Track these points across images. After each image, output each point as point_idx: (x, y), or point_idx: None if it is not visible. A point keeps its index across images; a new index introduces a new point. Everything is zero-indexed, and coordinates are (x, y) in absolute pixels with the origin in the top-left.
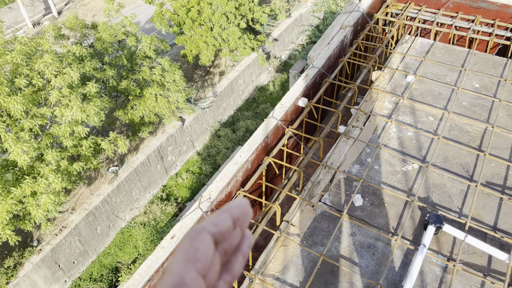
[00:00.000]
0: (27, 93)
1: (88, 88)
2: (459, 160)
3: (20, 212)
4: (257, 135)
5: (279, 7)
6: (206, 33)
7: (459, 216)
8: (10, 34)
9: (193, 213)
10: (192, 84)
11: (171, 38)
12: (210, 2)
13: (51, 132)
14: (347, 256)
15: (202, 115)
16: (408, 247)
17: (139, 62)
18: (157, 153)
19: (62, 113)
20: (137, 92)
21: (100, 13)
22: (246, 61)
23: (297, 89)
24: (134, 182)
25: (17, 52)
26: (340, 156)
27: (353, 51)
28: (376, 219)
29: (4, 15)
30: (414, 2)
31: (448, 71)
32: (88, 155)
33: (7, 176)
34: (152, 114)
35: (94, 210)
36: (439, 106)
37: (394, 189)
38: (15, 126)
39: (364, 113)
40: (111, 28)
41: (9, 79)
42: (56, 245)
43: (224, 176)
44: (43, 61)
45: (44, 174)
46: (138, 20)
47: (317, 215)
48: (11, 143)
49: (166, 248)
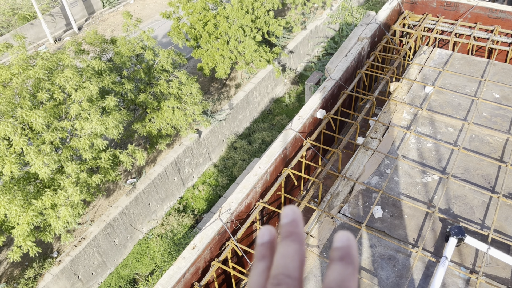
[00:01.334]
0: (48, 107)
1: (107, 101)
2: (480, 171)
3: (41, 224)
4: (276, 146)
5: (294, 19)
6: (222, 46)
7: (481, 228)
8: (32, 49)
9: (214, 224)
10: (209, 96)
11: (188, 52)
12: (227, 16)
13: (71, 144)
14: (367, 267)
15: (218, 127)
16: (430, 259)
17: (157, 75)
18: (174, 165)
19: (82, 126)
20: (154, 105)
21: (119, 28)
22: (262, 74)
23: (315, 101)
24: (152, 194)
25: (39, 67)
26: (359, 168)
27: (370, 63)
28: (396, 231)
29: (27, 31)
30: (432, 13)
31: (467, 82)
32: (107, 167)
33: (28, 188)
34: (169, 127)
35: (113, 221)
36: (458, 117)
37: (414, 200)
38: (36, 139)
39: (382, 124)
40: (129, 43)
41: (32, 94)
42: (75, 257)
43: (243, 187)
44: (64, 75)
45: (64, 186)
46: (156, 35)
47: (337, 227)
48: (32, 156)
49: (187, 259)
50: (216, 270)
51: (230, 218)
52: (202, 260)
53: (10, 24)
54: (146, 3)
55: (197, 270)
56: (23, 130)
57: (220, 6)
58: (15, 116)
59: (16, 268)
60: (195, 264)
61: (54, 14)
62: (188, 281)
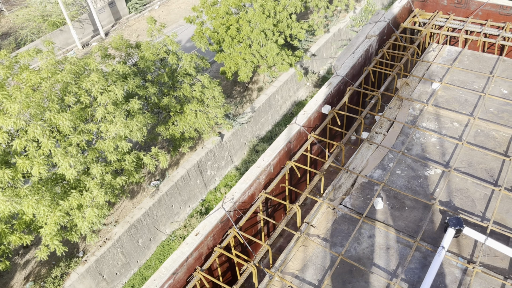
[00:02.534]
0: (75, 110)
1: (131, 104)
2: (484, 165)
3: (67, 224)
4: (280, 140)
5: (317, 22)
6: (245, 50)
7: (482, 220)
8: (61, 55)
9: (217, 212)
10: (231, 100)
11: (211, 56)
12: (249, 20)
13: (97, 147)
14: (366, 257)
15: (240, 131)
16: (428, 249)
17: (180, 79)
18: (197, 168)
19: (107, 129)
20: (177, 108)
21: (144, 33)
22: (284, 77)
23: (320, 96)
24: (175, 196)
25: (66, 72)
26: (363, 161)
27: (378, 60)
28: (396, 222)
29: (56, 38)
30: (442, 11)
31: (475, 78)
32: (131, 169)
33: (56, 189)
34: (192, 130)
35: (136, 223)
36: (465, 112)
37: (416, 193)
38: (64, 141)
39: (388, 120)
40: (153, 47)
41: (59, 97)
42: (100, 257)
43: (246, 178)
44: (90, 79)
45: (89, 187)
46: (180, 39)
47: (338, 218)
48: (59, 158)
49: (190, 244)
50: (219, 257)
51: (233, 207)
52: (205, 246)
53: (41, 30)
54: (171, 8)
55: (200, 256)
56: (51, 133)
57: (242, 11)
58: (44, 119)
59: (44, 267)
60: (198, 250)
61: (82, 20)
62: (191, 266)
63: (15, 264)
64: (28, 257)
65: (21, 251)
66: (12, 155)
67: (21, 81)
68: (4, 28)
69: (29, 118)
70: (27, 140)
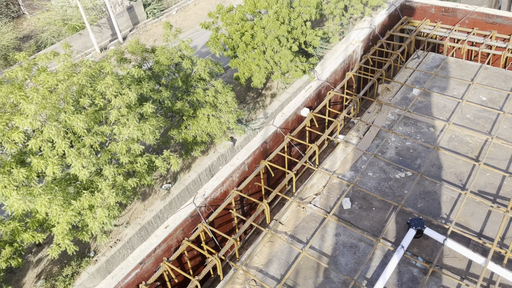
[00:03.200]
0: (89, 112)
1: (145, 108)
2: (454, 169)
3: (79, 224)
4: (256, 140)
5: (332, 30)
6: (259, 56)
7: (445, 222)
8: (79, 58)
9: (187, 207)
10: (244, 105)
11: (225, 62)
12: (263, 26)
13: (110, 148)
14: (329, 254)
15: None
16: (389, 249)
17: (194, 84)
18: (208, 172)
19: (120, 131)
20: (190, 113)
21: (161, 38)
22: (298, 84)
23: (299, 99)
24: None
25: (82, 74)
26: (336, 163)
27: (361, 65)
28: (362, 222)
29: (75, 41)
30: (430, 19)
31: (456, 85)
32: (143, 171)
33: (69, 189)
34: (204, 134)
35: (147, 225)
36: (441, 118)
37: (384, 194)
38: (78, 142)
39: (365, 123)
40: (167, 52)
41: (75, 99)
42: (110, 257)
43: (219, 176)
44: (104, 82)
45: (101, 188)
46: (195, 44)
47: (306, 216)
48: (73, 158)
49: (159, 236)
50: (190, 251)
51: (204, 203)
52: (174, 239)
53: (61, 34)
54: (188, 14)
55: (169, 248)
56: (66, 134)
57: (257, 17)
58: (59, 120)
59: (55, 265)
60: (167, 242)
61: (101, 24)
62: (159, 257)
63: (28, 261)
64: (40, 256)
65: (33, 249)
66: (28, 155)
67: (39, 82)
68: (26, 31)
69: (45, 119)
70: (42, 140)
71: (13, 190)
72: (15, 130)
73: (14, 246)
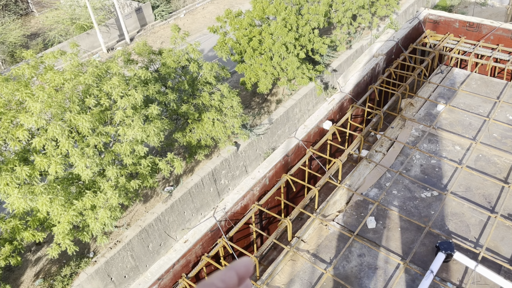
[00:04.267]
0: (95, 112)
1: (150, 110)
2: (482, 190)
3: (80, 224)
4: (277, 153)
5: (339, 38)
6: (266, 62)
7: (475, 246)
8: (86, 57)
9: (207, 221)
10: (249, 110)
11: (231, 66)
12: (271, 32)
13: (114, 149)
14: (354, 275)
15: (256, 141)
16: (416, 272)
17: (200, 87)
18: (211, 176)
19: (125, 132)
20: (195, 116)
21: (168, 40)
22: (304, 90)
23: (321, 112)
24: (187, 203)
25: (89, 74)
26: (359, 179)
27: (384, 79)
28: (387, 242)
29: (82, 40)
30: (454, 33)
31: (482, 102)
32: (146, 173)
33: (71, 188)
34: (208, 138)
35: (148, 227)
36: (467, 136)
37: (410, 214)
38: (82, 142)
39: (388, 139)
40: (174, 55)
41: (81, 99)
42: (110, 258)
43: (240, 189)
44: (110, 83)
45: (103, 189)
46: (202, 48)
47: (329, 234)
48: (76, 158)
49: (178, 251)
50: (208, 266)
51: (225, 217)
52: (193, 254)
53: (68, 33)
54: (196, 17)
55: (187, 263)
56: (70, 133)
57: (265, 23)
58: (64, 119)
59: (54, 265)
60: (186, 257)
61: (109, 25)
62: (177, 272)
63: (26, 260)
64: (39, 255)
65: (33, 248)
66: (31, 153)
67: (45, 81)
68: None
69: (50, 117)
70: (46, 139)
71: (15, 187)
72: (19, 127)
73: (13, 244)
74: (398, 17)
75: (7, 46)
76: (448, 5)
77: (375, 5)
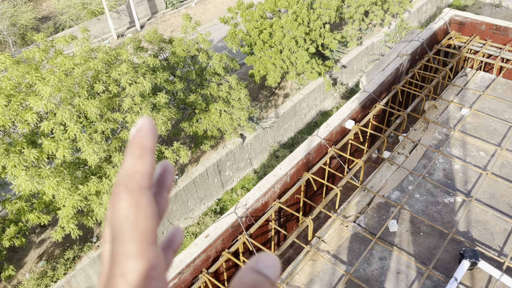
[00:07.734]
0: (103, 98)
1: (158, 98)
2: (507, 198)
3: (84, 208)
4: (299, 150)
5: (350, 34)
6: (275, 55)
7: (499, 255)
8: (96, 43)
9: (228, 216)
10: (257, 103)
11: (241, 58)
12: (282, 26)
13: (121, 136)
14: (375, 279)
15: (262, 134)
16: (439, 279)
17: (208, 78)
18: (216, 167)
19: (133, 119)
20: (203, 106)
21: (179, 29)
22: (312, 85)
23: (344, 111)
24: (191, 192)
25: (99, 60)
26: (381, 181)
27: (408, 79)
28: (409, 247)
29: (93, 26)
30: (479, 36)
31: (507, 108)
32: None
33: (77, 173)
34: (215, 129)
35: None
36: (492, 141)
37: (433, 219)
38: (89, 127)
39: (411, 141)
40: (184, 44)
41: (90, 84)
42: None
43: (262, 186)
44: (119, 70)
45: (109, 175)
46: (212, 38)
47: (350, 235)
48: (84, 143)
49: (199, 246)
50: (227, 262)
51: (245, 213)
52: (213, 249)
53: (79, 17)
54: (207, 7)
55: (207, 258)
56: (79, 118)
57: (276, 16)
58: (73, 104)
59: (58, 248)
60: (206, 252)
61: (120, 11)
62: (197, 267)
63: (31, 242)
64: (43, 237)
65: (37, 230)
66: (39, 136)
67: (55, 65)
68: (45, 12)
69: (59, 101)
70: (55, 123)
71: (22, 170)
72: (28, 110)
73: (19, 225)
74: (410, 16)
75: (18, 28)
76: (462, 5)
77: (388, 1)
